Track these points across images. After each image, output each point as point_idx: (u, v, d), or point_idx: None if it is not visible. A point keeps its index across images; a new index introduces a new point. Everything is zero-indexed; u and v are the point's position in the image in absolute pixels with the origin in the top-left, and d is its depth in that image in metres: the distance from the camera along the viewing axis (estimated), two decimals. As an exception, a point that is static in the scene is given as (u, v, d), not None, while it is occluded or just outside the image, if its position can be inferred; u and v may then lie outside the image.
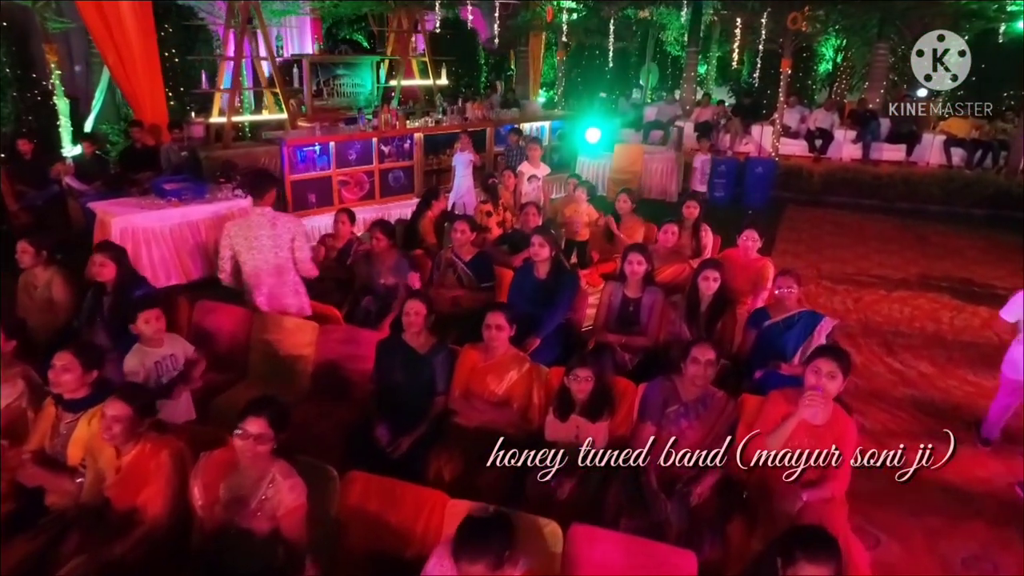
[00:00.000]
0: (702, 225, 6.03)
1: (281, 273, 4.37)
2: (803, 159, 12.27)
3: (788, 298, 4.06)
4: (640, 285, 4.45)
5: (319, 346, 4.13)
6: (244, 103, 12.84)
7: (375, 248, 4.99)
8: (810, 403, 2.94)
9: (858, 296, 7.06)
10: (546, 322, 4.45)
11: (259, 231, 4.29)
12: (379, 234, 4.96)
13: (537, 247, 4.54)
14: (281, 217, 4.43)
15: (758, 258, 5.08)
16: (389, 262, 4.92)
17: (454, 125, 9.50)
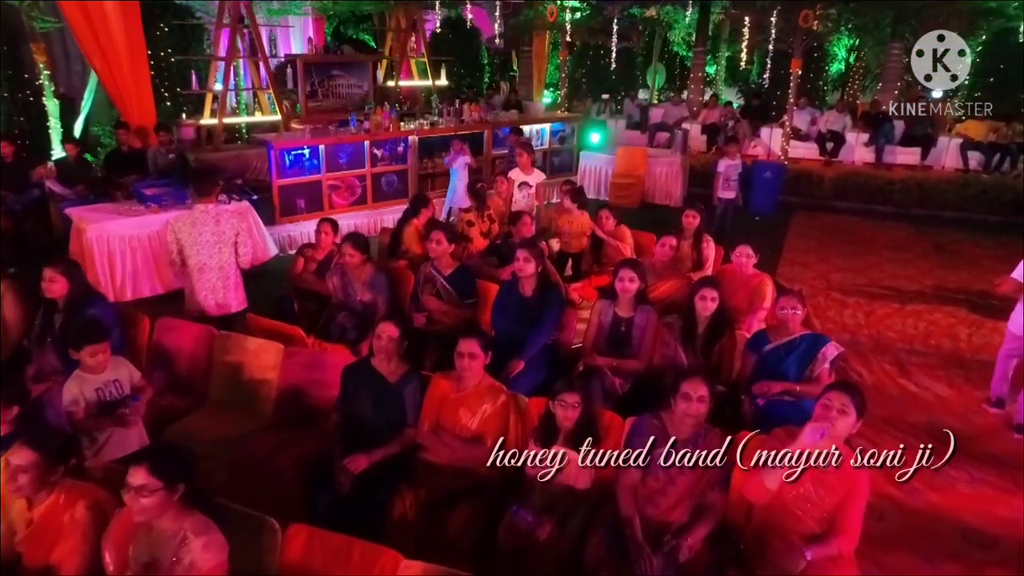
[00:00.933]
0: (704, 236, 5.70)
1: (224, 270, 4.56)
2: (813, 163, 11.89)
3: (791, 320, 3.72)
4: (632, 304, 4.12)
5: (283, 370, 3.82)
6: (241, 104, 12.62)
7: (347, 263, 4.69)
8: (817, 427, 2.61)
9: (869, 309, 6.69)
10: (530, 343, 4.13)
11: (203, 227, 4.49)
12: (350, 249, 4.61)
13: (522, 262, 4.22)
14: (225, 213, 4.67)
15: (756, 274, 4.73)
16: (364, 277, 4.61)
17: (449, 128, 9.19)
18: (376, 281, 4.58)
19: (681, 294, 4.82)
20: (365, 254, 4.74)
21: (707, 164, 10.61)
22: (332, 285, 4.85)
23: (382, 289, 4.57)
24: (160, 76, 12.11)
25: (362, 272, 4.62)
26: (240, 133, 11.32)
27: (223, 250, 4.54)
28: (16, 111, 10.04)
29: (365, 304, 4.63)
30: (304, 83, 10.30)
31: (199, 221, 4.49)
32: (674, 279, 4.84)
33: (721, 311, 3.99)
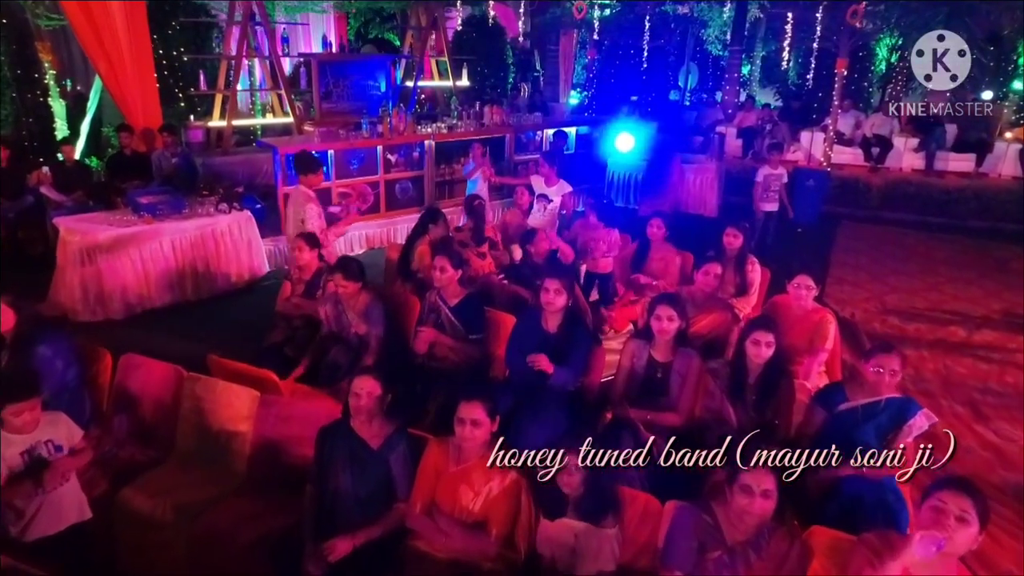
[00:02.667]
0: (748, 258, 5.03)
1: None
2: (858, 169, 11.10)
3: (883, 382, 3.05)
4: (671, 346, 3.49)
5: (258, 422, 3.26)
6: (257, 106, 12.17)
7: (341, 293, 4.13)
8: (932, 538, 1.98)
9: (933, 339, 5.97)
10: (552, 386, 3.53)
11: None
12: (341, 280, 4.05)
13: (552, 294, 3.60)
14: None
15: (815, 308, 4.05)
16: (359, 306, 4.04)
17: (469, 132, 8.60)
18: (371, 312, 4.01)
19: (725, 329, 4.19)
20: (359, 282, 4.17)
21: (744, 170, 9.91)
22: (324, 314, 4.29)
23: (376, 321, 4.00)
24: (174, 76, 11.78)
25: (357, 301, 4.06)
26: (256, 135, 10.86)
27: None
28: (25, 112, 9.68)
29: (361, 337, 4.06)
30: (318, 83, 9.79)
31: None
32: (717, 311, 4.19)
33: (778, 358, 3.34)
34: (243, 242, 6.72)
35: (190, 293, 6.41)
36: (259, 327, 4.77)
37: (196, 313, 6.23)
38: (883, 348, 3.15)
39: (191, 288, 6.41)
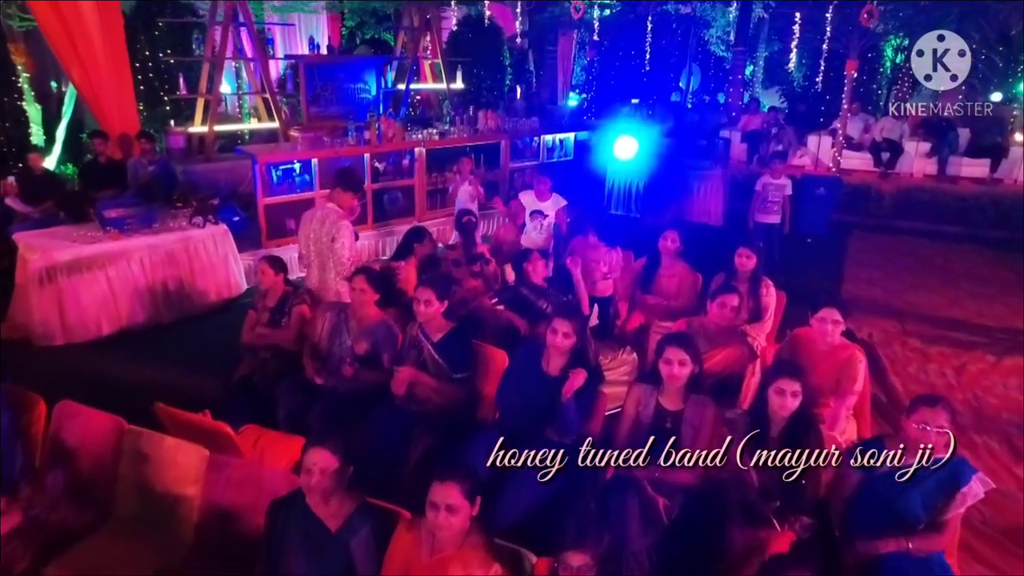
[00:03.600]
0: (762, 280, 4.60)
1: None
2: (868, 175, 10.66)
3: (930, 440, 2.63)
4: (682, 393, 3.07)
5: (207, 485, 2.82)
6: (244, 110, 11.72)
7: (355, 299, 3.74)
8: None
9: (959, 363, 5.53)
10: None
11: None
12: (362, 283, 3.74)
13: (560, 337, 3.18)
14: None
15: (844, 344, 3.60)
16: (367, 322, 3.67)
17: (462, 138, 8.18)
18: (380, 330, 3.68)
19: (740, 366, 3.76)
20: (379, 293, 3.82)
21: (750, 177, 9.47)
22: (320, 327, 3.89)
23: (388, 344, 3.69)
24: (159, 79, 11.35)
25: (367, 314, 3.70)
26: (244, 141, 10.43)
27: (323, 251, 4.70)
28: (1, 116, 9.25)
29: (357, 358, 3.65)
30: (305, 87, 9.35)
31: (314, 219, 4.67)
32: (732, 346, 3.75)
33: (804, 408, 2.92)
34: (219, 258, 6.30)
35: (162, 313, 5.98)
36: (236, 349, 4.35)
37: (168, 335, 5.81)
38: (928, 401, 2.72)
39: (163, 308, 5.98)
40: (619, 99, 14.30)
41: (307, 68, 9.34)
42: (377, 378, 3.66)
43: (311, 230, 4.69)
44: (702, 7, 13.13)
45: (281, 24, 13.11)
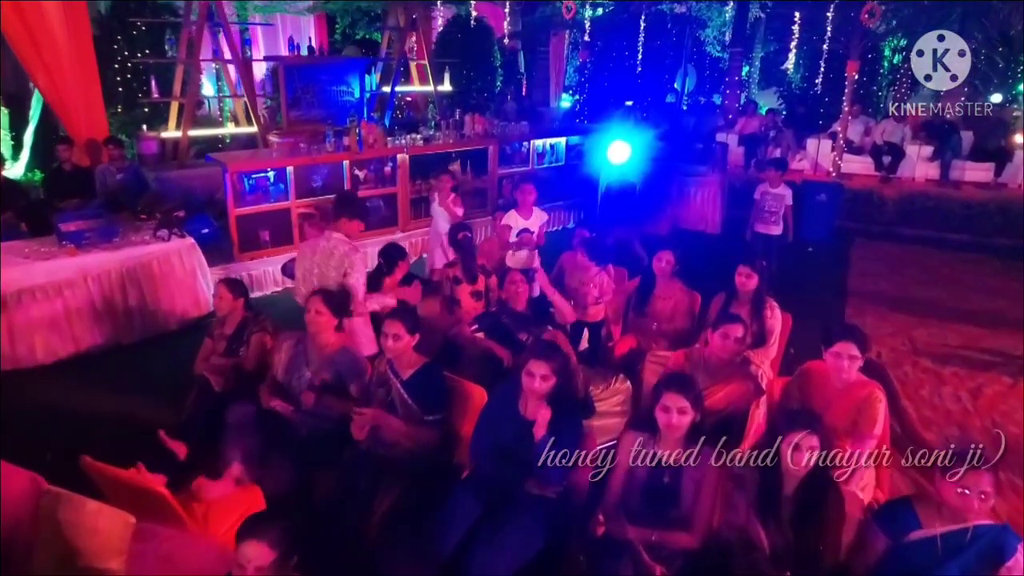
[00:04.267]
0: (766, 301, 4.24)
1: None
2: (869, 180, 10.31)
3: (971, 507, 2.27)
4: (682, 443, 2.69)
5: (132, 560, 2.44)
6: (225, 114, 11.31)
7: (313, 325, 3.37)
8: None
9: (975, 386, 5.18)
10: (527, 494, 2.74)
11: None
12: (318, 305, 3.38)
13: (538, 381, 2.82)
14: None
15: (862, 381, 3.21)
16: (328, 350, 3.30)
17: (448, 143, 7.79)
18: (343, 359, 3.34)
19: (744, 403, 3.39)
20: (337, 316, 3.44)
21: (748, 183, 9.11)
22: (279, 359, 3.52)
23: (353, 372, 3.34)
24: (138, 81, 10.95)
25: (325, 340, 3.33)
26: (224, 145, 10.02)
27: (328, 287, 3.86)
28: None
29: (319, 387, 3.28)
30: (285, 90, 8.97)
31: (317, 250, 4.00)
32: (735, 382, 3.37)
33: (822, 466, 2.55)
34: (186, 274, 5.90)
35: (123, 335, 5.58)
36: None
37: (128, 360, 5.40)
38: (970, 462, 2.35)
39: (124, 329, 5.57)
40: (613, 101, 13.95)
41: (287, 70, 8.97)
42: (343, 410, 3.29)
43: (314, 264, 4.02)
44: (697, 7, 12.77)
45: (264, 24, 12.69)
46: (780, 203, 6.90)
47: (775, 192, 6.94)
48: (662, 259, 4.58)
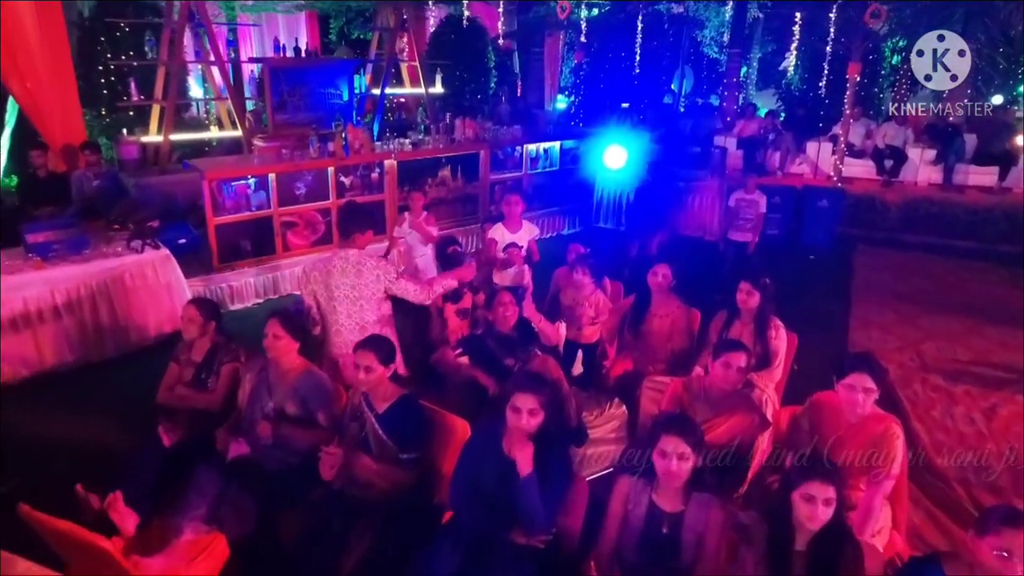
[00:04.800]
0: (770, 320, 3.98)
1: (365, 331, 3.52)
2: (870, 184, 10.07)
3: (1016, 572, 2.01)
4: (683, 492, 2.44)
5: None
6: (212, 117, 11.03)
7: (272, 351, 3.09)
8: None
9: (988, 405, 4.93)
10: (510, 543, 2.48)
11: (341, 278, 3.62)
12: (276, 328, 3.09)
13: (525, 416, 2.56)
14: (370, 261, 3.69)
15: (876, 415, 2.95)
16: (291, 377, 3.04)
17: (437, 149, 7.52)
18: (307, 384, 3.08)
19: (749, 436, 3.14)
20: (296, 339, 3.17)
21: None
22: (243, 389, 3.26)
23: (319, 398, 3.08)
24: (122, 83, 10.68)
25: (287, 366, 3.08)
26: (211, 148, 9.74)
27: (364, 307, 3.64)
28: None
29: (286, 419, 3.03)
30: (271, 92, 8.68)
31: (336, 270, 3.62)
32: (738, 414, 3.11)
33: (839, 519, 2.29)
34: (161, 286, 5.62)
35: (93, 352, 5.30)
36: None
37: (98, 379, 5.13)
38: (1008, 519, 2.09)
39: (95, 346, 5.31)
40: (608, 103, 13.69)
41: (272, 72, 8.67)
42: (309, 443, 3.03)
43: (332, 284, 3.62)
44: (695, 7, 12.51)
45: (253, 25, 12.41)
46: (754, 210, 6.72)
47: (750, 198, 6.76)
48: (658, 273, 4.31)
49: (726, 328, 4.07)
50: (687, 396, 3.25)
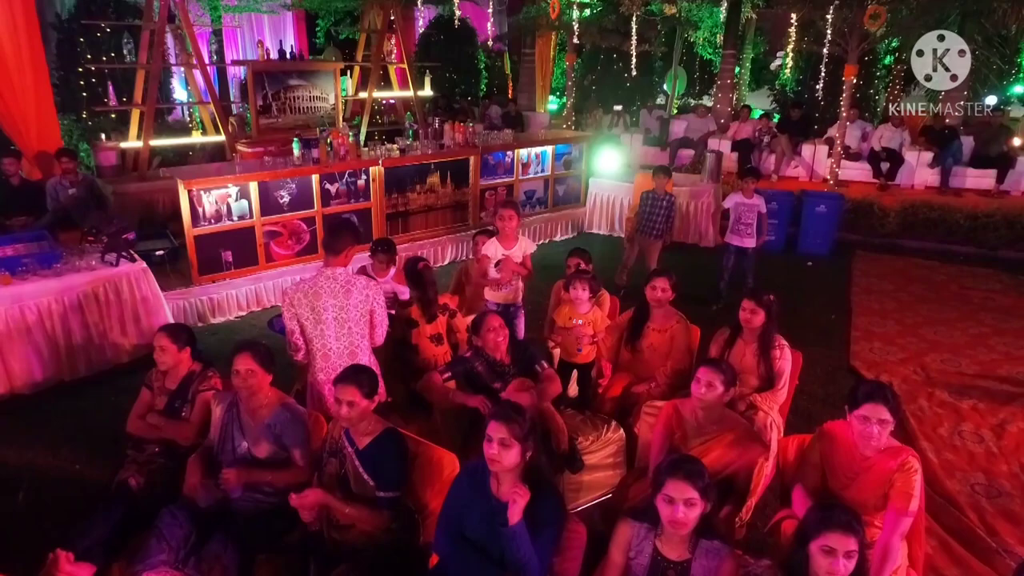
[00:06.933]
0: (774, 339, 3.78)
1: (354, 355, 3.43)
2: (867, 187, 9.92)
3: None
4: (689, 540, 2.24)
5: None
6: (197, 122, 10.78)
7: (240, 386, 2.87)
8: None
9: (997, 422, 4.75)
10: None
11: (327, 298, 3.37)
12: (246, 361, 2.87)
13: (497, 448, 2.34)
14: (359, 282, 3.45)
15: (893, 448, 2.75)
16: (264, 413, 2.82)
17: (425, 155, 7.30)
18: (281, 420, 2.86)
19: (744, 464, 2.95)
20: (269, 372, 2.94)
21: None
22: (213, 427, 3.03)
23: (297, 438, 2.87)
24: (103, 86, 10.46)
25: (260, 400, 2.87)
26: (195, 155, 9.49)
27: (352, 329, 3.41)
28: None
29: (257, 460, 2.82)
30: (254, 96, 8.46)
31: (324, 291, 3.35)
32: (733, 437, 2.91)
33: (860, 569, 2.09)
34: (138, 301, 5.38)
35: (66, 371, 5.07)
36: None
37: (70, 398, 4.90)
38: None
39: (67, 365, 5.07)
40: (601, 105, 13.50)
41: (256, 75, 8.46)
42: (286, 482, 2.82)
43: (319, 306, 3.34)
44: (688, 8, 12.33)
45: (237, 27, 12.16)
46: (754, 213, 6.55)
47: (749, 203, 6.58)
48: (656, 287, 4.10)
49: (728, 346, 3.89)
50: (678, 418, 3.07)
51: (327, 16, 13.82)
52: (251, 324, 6.17)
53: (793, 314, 6.09)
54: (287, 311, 3.39)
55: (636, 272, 6.64)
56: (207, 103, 8.72)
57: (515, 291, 4.49)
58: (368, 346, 3.49)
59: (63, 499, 3.73)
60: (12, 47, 6.47)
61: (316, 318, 3.36)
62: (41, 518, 3.56)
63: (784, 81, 14.55)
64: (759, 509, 3.48)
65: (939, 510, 3.81)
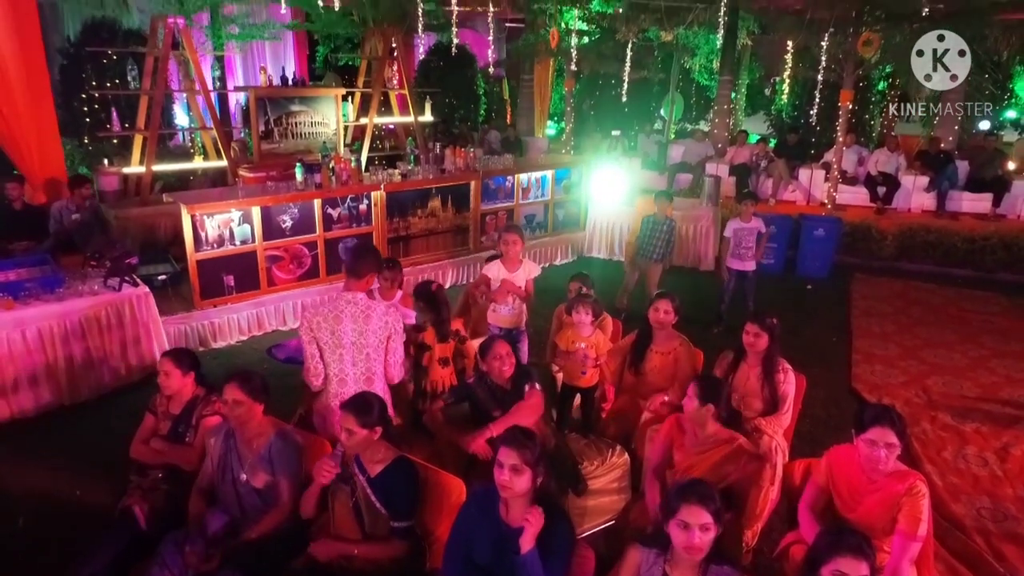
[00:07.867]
0: (778, 363, 3.79)
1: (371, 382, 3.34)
2: (864, 211, 10.00)
3: None
4: (700, 566, 2.22)
5: None
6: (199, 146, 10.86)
7: (231, 416, 2.87)
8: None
9: (1000, 445, 4.75)
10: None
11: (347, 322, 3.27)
12: (234, 391, 2.86)
13: (508, 474, 2.34)
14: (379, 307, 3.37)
15: (900, 472, 2.74)
16: (259, 444, 2.80)
17: (427, 179, 7.35)
18: (274, 449, 2.83)
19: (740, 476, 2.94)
20: (260, 401, 2.91)
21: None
22: (211, 456, 3.01)
23: (286, 470, 2.83)
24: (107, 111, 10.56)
25: (254, 430, 2.86)
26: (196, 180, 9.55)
27: (370, 355, 3.31)
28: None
29: (256, 493, 2.80)
30: (256, 121, 8.52)
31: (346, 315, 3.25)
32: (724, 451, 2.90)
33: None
34: (140, 325, 5.38)
35: (67, 396, 5.04)
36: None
37: (71, 422, 4.87)
38: None
39: (67, 389, 5.05)
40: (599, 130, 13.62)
41: (258, 101, 8.53)
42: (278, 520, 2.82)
43: (339, 330, 3.24)
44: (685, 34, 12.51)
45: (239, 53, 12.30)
46: (753, 235, 6.59)
47: (748, 226, 6.61)
48: (660, 309, 4.12)
49: (732, 370, 3.90)
50: (678, 432, 3.09)
51: (327, 42, 14.00)
52: (252, 348, 6.16)
53: (794, 336, 6.11)
54: (306, 335, 3.26)
55: (637, 296, 6.68)
56: (209, 128, 8.78)
57: (519, 315, 4.50)
58: (383, 372, 3.40)
59: (64, 525, 3.71)
60: (16, 72, 6.52)
61: (336, 342, 3.25)
62: (42, 544, 3.53)
63: (780, 106, 14.71)
64: (765, 534, 3.47)
65: (945, 534, 3.80)
